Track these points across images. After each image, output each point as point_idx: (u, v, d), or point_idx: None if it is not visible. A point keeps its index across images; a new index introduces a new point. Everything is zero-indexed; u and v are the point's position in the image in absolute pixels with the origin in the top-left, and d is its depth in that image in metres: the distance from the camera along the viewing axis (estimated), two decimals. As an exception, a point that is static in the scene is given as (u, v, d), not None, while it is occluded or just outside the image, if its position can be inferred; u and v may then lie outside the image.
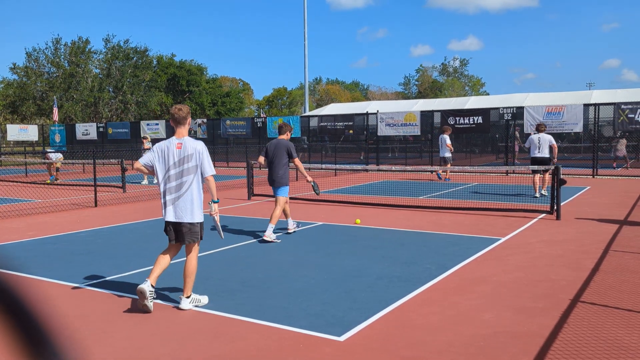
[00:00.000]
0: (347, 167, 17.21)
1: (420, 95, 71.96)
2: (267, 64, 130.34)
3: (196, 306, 5.03)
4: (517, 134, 22.75)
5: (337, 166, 17.57)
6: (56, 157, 19.55)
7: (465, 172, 20.31)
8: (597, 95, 31.26)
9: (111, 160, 21.21)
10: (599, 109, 19.61)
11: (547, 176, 12.50)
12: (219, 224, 5.28)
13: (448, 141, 17.52)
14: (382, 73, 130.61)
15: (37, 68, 44.64)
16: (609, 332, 4.25)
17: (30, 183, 18.82)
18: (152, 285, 4.90)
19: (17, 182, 19.39)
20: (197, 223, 5.03)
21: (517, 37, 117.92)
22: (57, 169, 19.69)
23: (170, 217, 4.99)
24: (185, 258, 5.14)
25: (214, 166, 5.21)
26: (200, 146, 5.04)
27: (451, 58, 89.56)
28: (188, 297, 5.02)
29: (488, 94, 64.78)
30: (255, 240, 8.26)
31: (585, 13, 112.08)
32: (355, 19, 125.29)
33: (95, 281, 5.98)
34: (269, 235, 8.02)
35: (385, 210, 11.19)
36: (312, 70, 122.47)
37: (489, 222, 9.62)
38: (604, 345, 3.98)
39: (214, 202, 5.16)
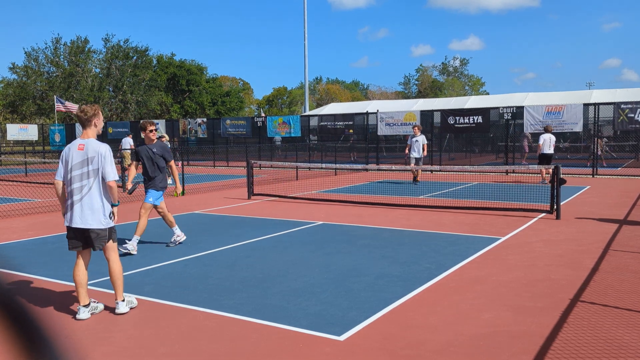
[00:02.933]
0: (347, 166, 17.21)
1: (420, 94, 71.95)
2: (267, 64, 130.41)
3: (131, 308, 4.95)
4: (528, 134, 22.78)
5: (337, 165, 17.55)
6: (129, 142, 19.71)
7: (465, 172, 20.31)
8: (597, 95, 31.25)
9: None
10: (598, 109, 19.61)
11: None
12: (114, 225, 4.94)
13: (425, 141, 16.42)
14: (382, 73, 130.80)
15: (37, 68, 44.64)
16: (608, 331, 4.25)
17: (42, 183, 18.79)
18: (85, 305, 4.78)
19: (17, 181, 19.40)
20: (105, 229, 4.79)
21: (518, 37, 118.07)
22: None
23: (75, 222, 4.72)
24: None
25: (215, 165, 5.18)
26: (104, 149, 4.77)
27: (452, 58, 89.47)
28: (123, 301, 4.90)
29: (488, 94, 64.80)
30: (254, 240, 8.27)
31: (586, 13, 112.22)
32: (356, 18, 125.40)
33: (94, 280, 5.98)
34: (129, 245, 7.21)
35: (385, 210, 11.19)
36: (313, 69, 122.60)
37: (489, 221, 9.62)
38: (603, 345, 3.99)
39: (114, 205, 4.90)
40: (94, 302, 4.97)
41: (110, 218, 4.84)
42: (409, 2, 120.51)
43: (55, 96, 36.23)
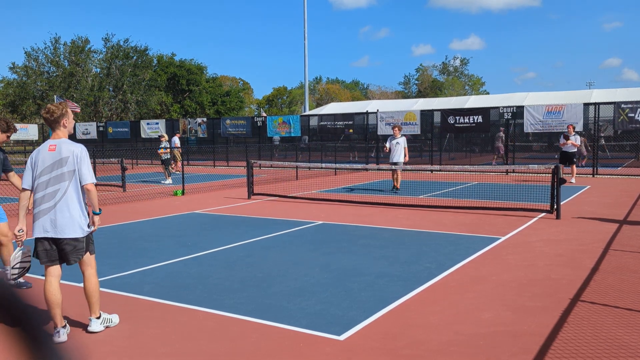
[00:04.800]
0: (347, 165, 17.21)
1: (420, 94, 71.92)
2: (267, 63, 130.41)
3: (107, 327, 4.47)
4: (502, 135, 22.89)
5: (337, 165, 17.56)
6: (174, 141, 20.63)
7: (465, 172, 20.31)
8: (597, 95, 31.24)
9: (111, 159, 21.20)
10: (598, 108, 19.61)
11: (574, 167, 16.47)
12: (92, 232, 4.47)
13: (406, 144, 14.53)
14: (383, 72, 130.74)
15: (37, 67, 44.63)
16: (608, 331, 4.25)
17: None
18: (63, 327, 4.26)
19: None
20: (82, 238, 4.28)
21: (519, 37, 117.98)
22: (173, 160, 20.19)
23: (47, 232, 4.20)
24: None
25: (215, 165, 5.10)
26: (79, 149, 4.30)
27: (452, 57, 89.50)
28: (98, 318, 4.43)
29: (488, 93, 64.77)
30: (254, 239, 8.26)
31: (586, 12, 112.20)
32: (357, 18, 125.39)
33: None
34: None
35: (385, 209, 11.19)
36: (312, 69, 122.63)
37: (489, 221, 9.62)
38: (603, 344, 3.98)
39: (95, 214, 4.38)
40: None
41: (89, 227, 4.34)
42: (410, 2, 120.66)
43: (55, 96, 36.23)
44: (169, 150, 18.68)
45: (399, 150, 14.18)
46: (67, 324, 4.40)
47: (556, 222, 9.42)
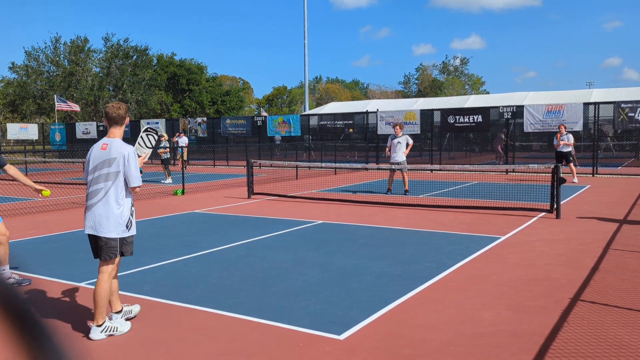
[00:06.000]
0: (347, 165, 17.20)
1: (420, 94, 71.90)
2: (267, 63, 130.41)
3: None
4: (502, 136, 22.89)
5: (337, 165, 17.56)
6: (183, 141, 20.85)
7: (465, 171, 20.31)
8: (597, 94, 31.23)
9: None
10: (598, 108, 19.60)
11: (572, 165, 16.59)
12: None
13: (410, 141, 13.94)
14: (383, 72, 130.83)
15: (37, 67, 44.61)
16: (609, 330, 4.25)
17: (42, 182, 18.74)
18: (118, 312, 4.48)
19: (17, 180, 19.34)
20: (115, 238, 4.31)
21: (520, 36, 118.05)
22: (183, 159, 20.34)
23: (89, 228, 4.34)
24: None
25: (215, 164, 5.12)
26: (127, 151, 4.35)
27: (452, 57, 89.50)
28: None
29: (488, 93, 64.78)
30: (255, 239, 8.26)
31: (587, 12, 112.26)
32: (358, 18, 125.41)
33: (95, 280, 5.98)
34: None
35: (385, 209, 11.19)
36: (313, 69, 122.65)
37: (489, 220, 9.62)
38: (604, 344, 3.99)
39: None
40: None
41: (128, 228, 4.41)
42: (411, 1, 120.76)
43: (55, 95, 36.23)
44: (168, 149, 18.70)
45: (401, 149, 13.70)
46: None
47: (556, 221, 9.42)
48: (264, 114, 44.44)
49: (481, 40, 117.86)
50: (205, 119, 30.35)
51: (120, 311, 4.53)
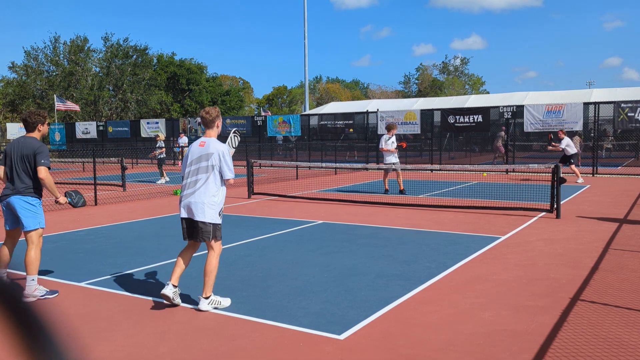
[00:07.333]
0: (348, 165, 17.20)
1: (420, 94, 71.87)
2: (267, 63, 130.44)
3: (216, 308, 4.91)
4: (503, 135, 22.87)
5: (337, 165, 17.54)
6: (182, 141, 20.75)
7: (465, 171, 20.31)
8: (597, 94, 31.23)
9: (111, 158, 21.19)
10: (598, 108, 19.61)
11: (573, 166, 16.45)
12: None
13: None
14: (383, 72, 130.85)
15: (37, 67, 44.61)
16: (608, 330, 4.25)
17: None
18: (174, 285, 4.95)
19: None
20: (210, 223, 4.93)
21: (520, 36, 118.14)
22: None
23: (183, 213, 5.02)
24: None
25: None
26: (222, 148, 5.06)
27: (452, 57, 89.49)
28: (207, 298, 4.90)
29: (488, 93, 64.76)
30: (255, 239, 8.27)
31: (588, 12, 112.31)
32: (358, 18, 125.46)
33: (95, 279, 5.99)
34: (32, 292, 5.34)
35: (385, 209, 11.19)
36: (313, 69, 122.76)
37: (489, 220, 9.62)
38: (603, 344, 3.99)
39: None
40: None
41: (220, 215, 4.99)
42: (411, 1, 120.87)
43: (55, 95, 36.23)
44: (164, 149, 18.78)
45: (394, 147, 13.68)
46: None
47: (556, 221, 9.42)
48: (266, 113, 44.38)
49: (481, 40, 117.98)
50: (205, 118, 30.30)
51: (208, 298, 4.96)
